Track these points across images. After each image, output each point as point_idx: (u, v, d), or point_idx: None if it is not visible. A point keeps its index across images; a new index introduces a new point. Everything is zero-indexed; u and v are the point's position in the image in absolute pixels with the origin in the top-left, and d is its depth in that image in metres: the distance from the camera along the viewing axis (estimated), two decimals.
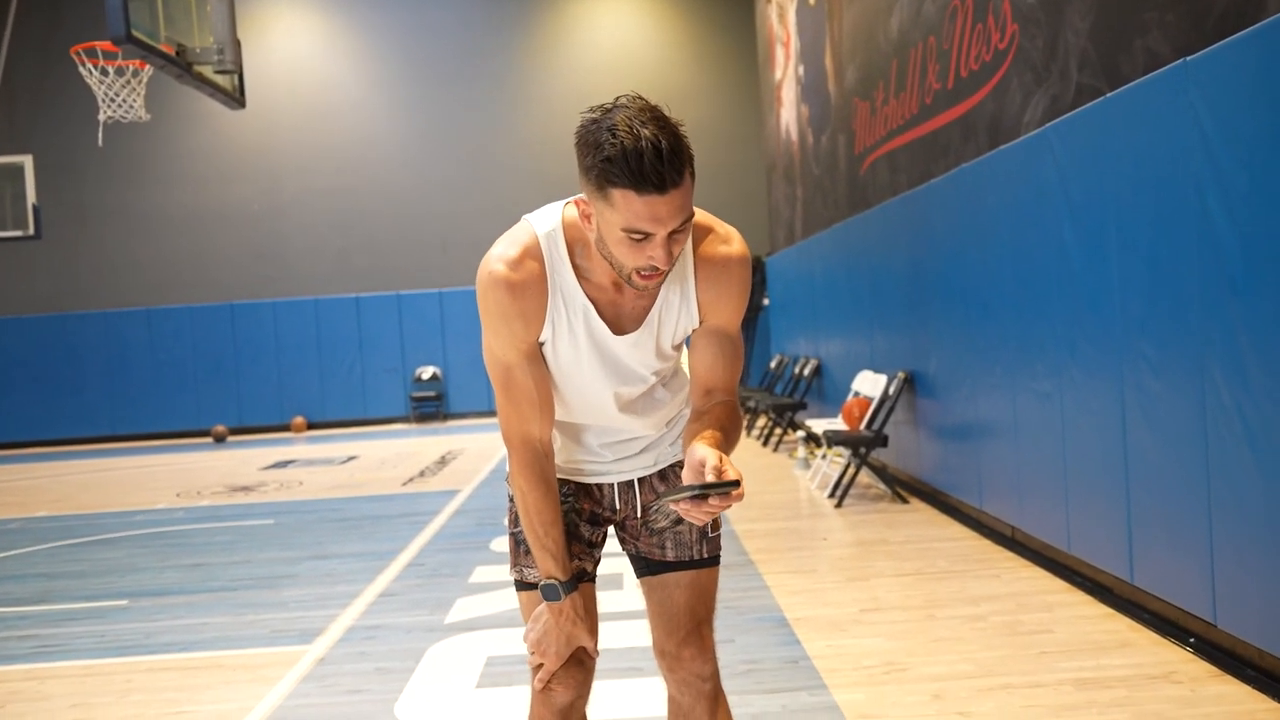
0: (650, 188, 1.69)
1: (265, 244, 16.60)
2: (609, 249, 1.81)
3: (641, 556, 2.25)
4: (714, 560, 2.25)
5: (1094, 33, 4.63)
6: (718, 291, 2.00)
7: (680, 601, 2.21)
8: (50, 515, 9.12)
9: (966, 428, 6.23)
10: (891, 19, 7.77)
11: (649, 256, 1.77)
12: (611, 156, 1.69)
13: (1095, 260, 4.44)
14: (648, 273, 1.80)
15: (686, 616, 2.21)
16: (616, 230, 1.76)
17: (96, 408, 16.16)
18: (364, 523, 7.77)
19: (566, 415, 2.19)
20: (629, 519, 2.26)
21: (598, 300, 1.97)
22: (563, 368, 2.05)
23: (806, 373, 10.61)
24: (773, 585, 5.14)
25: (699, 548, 2.23)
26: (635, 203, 1.70)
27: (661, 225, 1.73)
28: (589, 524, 2.24)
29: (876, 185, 8.44)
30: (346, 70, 16.69)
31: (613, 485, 2.24)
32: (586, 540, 2.22)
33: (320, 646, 4.59)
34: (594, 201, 1.78)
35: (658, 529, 2.22)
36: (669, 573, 2.22)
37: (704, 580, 2.23)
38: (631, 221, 1.72)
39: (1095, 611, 4.45)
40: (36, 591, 6.07)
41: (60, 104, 15.96)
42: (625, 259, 1.79)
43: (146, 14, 6.21)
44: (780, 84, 13.28)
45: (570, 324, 1.97)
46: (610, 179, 1.71)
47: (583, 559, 2.19)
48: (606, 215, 1.76)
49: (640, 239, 1.75)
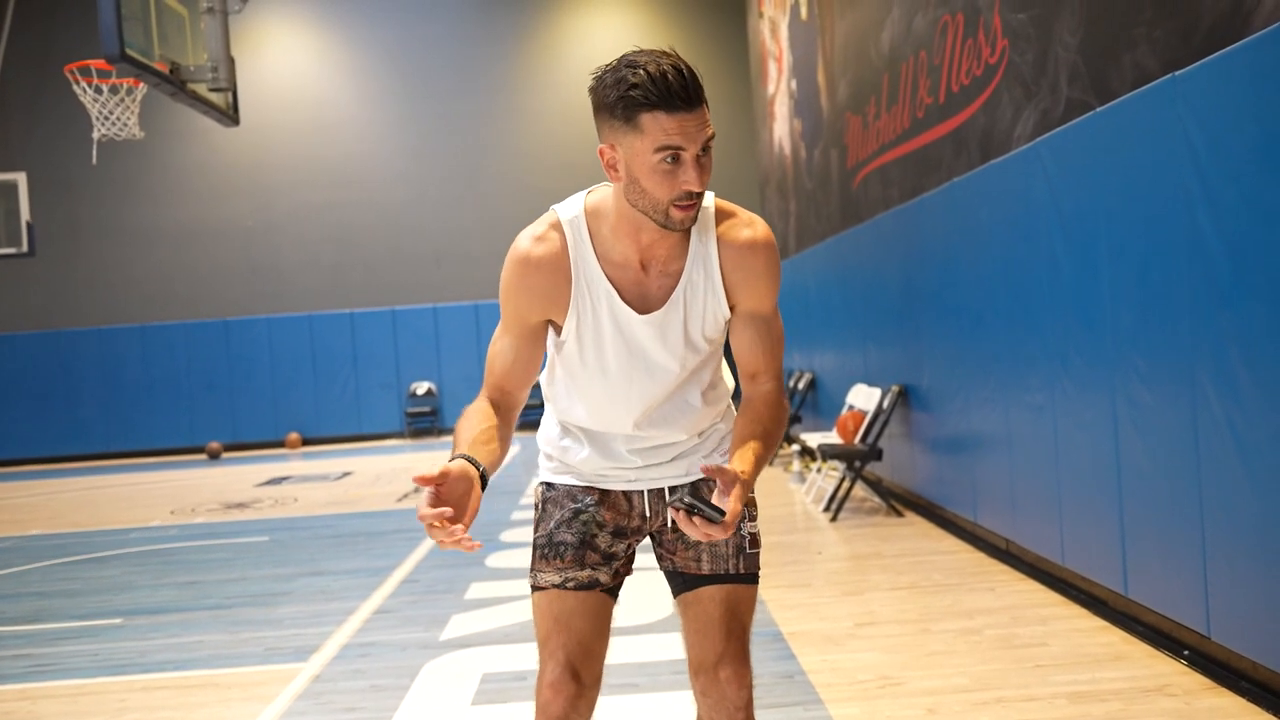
0: (679, 105, 1.78)
1: (259, 260, 16.61)
2: (642, 186, 1.85)
3: (678, 572, 2.21)
4: (751, 578, 2.19)
5: (1083, 47, 4.66)
6: (744, 274, 2.02)
7: (715, 615, 2.15)
8: (44, 533, 9.09)
9: (960, 441, 6.24)
10: (882, 34, 7.81)
11: (682, 182, 1.82)
12: (638, 83, 1.78)
13: (1086, 273, 4.47)
14: (684, 202, 1.84)
15: (721, 631, 2.14)
16: (649, 157, 1.81)
17: (91, 424, 16.13)
18: (359, 539, 7.76)
19: (593, 421, 2.15)
20: (663, 531, 2.22)
21: (620, 281, 1.99)
22: (587, 360, 2.06)
23: (801, 386, 10.63)
24: (768, 599, 5.14)
25: (735, 561, 2.17)
26: (666, 121, 1.78)
27: (692, 141, 1.80)
28: (611, 535, 2.19)
29: (869, 199, 8.48)
30: (340, 86, 16.73)
31: (642, 493, 2.20)
32: (603, 551, 2.17)
33: (315, 664, 4.58)
34: (621, 138, 1.83)
35: (693, 541, 2.17)
36: (704, 586, 2.17)
37: (740, 594, 2.18)
38: (663, 139, 1.79)
39: (1090, 624, 4.45)
40: (30, 610, 6.05)
41: (54, 121, 15.98)
42: (659, 190, 1.84)
43: (141, 32, 6.24)
44: (773, 98, 13.33)
45: (594, 308, 2.00)
46: (638, 105, 1.79)
47: (596, 568, 2.16)
48: (636, 146, 1.81)
49: (672, 164, 1.81)
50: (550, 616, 2.14)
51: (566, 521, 2.18)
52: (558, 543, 2.16)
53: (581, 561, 2.15)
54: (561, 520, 2.18)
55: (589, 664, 2.11)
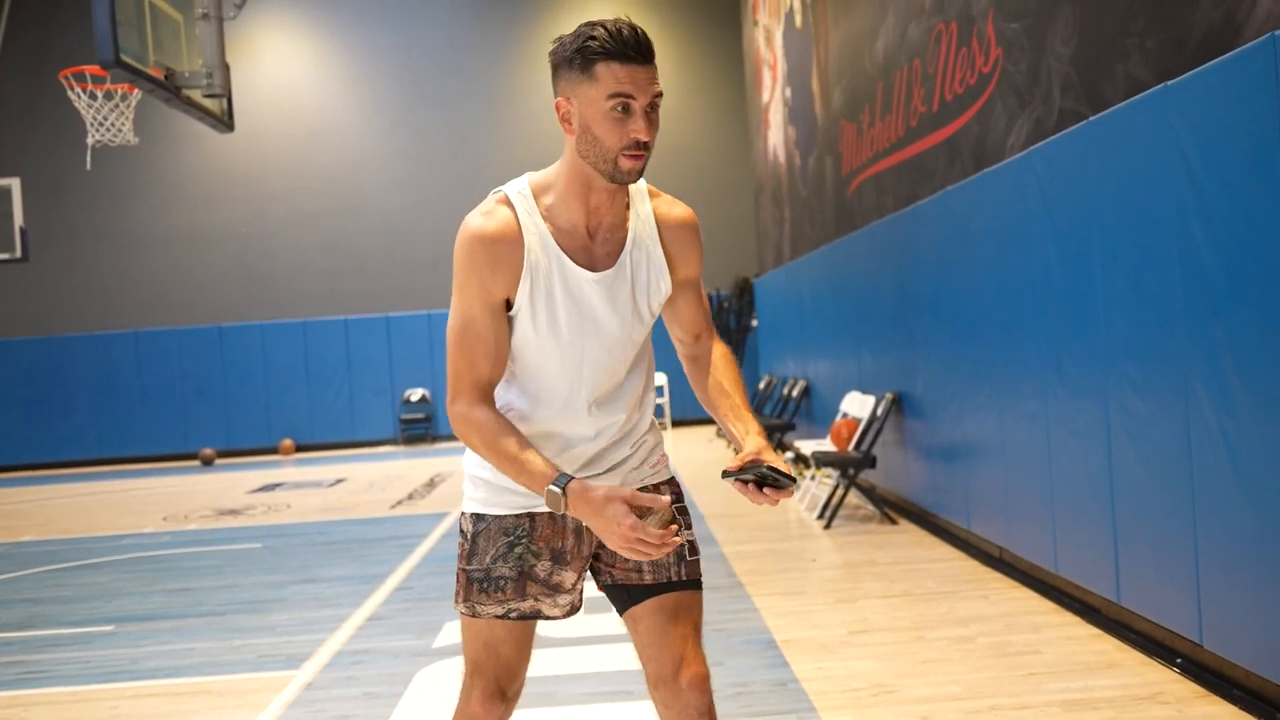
0: (632, 56, 1.92)
1: (254, 266, 16.60)
2: (594, 134, 1.96)
3: (619, 585, 2.21)
4: (695, 584, 2.21)
5: (1076, 58, 4.68)
6: (680, 246, 2.18)
7: (668, 624, 2.16)
8: (36, 539, 9.07)
9: (954, 448, 6.25)
10: (877, 43, 7.84)
11: (632, 130, 1.94)
12: (596, 36, 1.92)
13: (1079, 281, 4.48)
14: (632, 151, 1.96)
15: (677, 638, 2.15)
16: (601, 104, 1.93)
17: (84, 430, 16.09)
18: (352, 546, 7.75)
19: (549, 407, 2.15)
20: (601, 548, 2.21)
21: (569, 247, 2.08)
22: (540, 328, 2.07)
23: (795, 394, 10.63)
24: (762, 607, 5.14)
25: (677, 569, 2.18)
26: (619, 70, 1.92)
27: (642, 92, 1.93)
28: (550, 561, 2.18)
29: (863, 207, 8.49)
30: (335, 93, 16.74)
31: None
32: (544, 580, 2.18)
33: (308, 672, 4.57)
34: (577, 89, 1.96)
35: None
36: (650, 598, 2.18)
37: (689, 600, 2.19)
38: (615, 86, 1.92)
39: (1083, 632, 4.46)
40: (22, 617, 6.03)
41: (48, 127, 15.96)
42: (610, 137, 1.95)
43: (135, 38, 6.24)
44: (768, 106, 13.36)
45: (546, 271, 2.05)
46: (595, 55, 1.92)
47: (539, 599, 2.18)
48: (591, 94, 1.94)
49: (623, 113, 1.93)
50: (480, 641, 2.21)
51: (502, 555, 2.18)
52: (496, 577, 2.17)
53: (523, 593, 2.17)
54: (497, 555, 2.18)
55: (514, 681, 2.26)
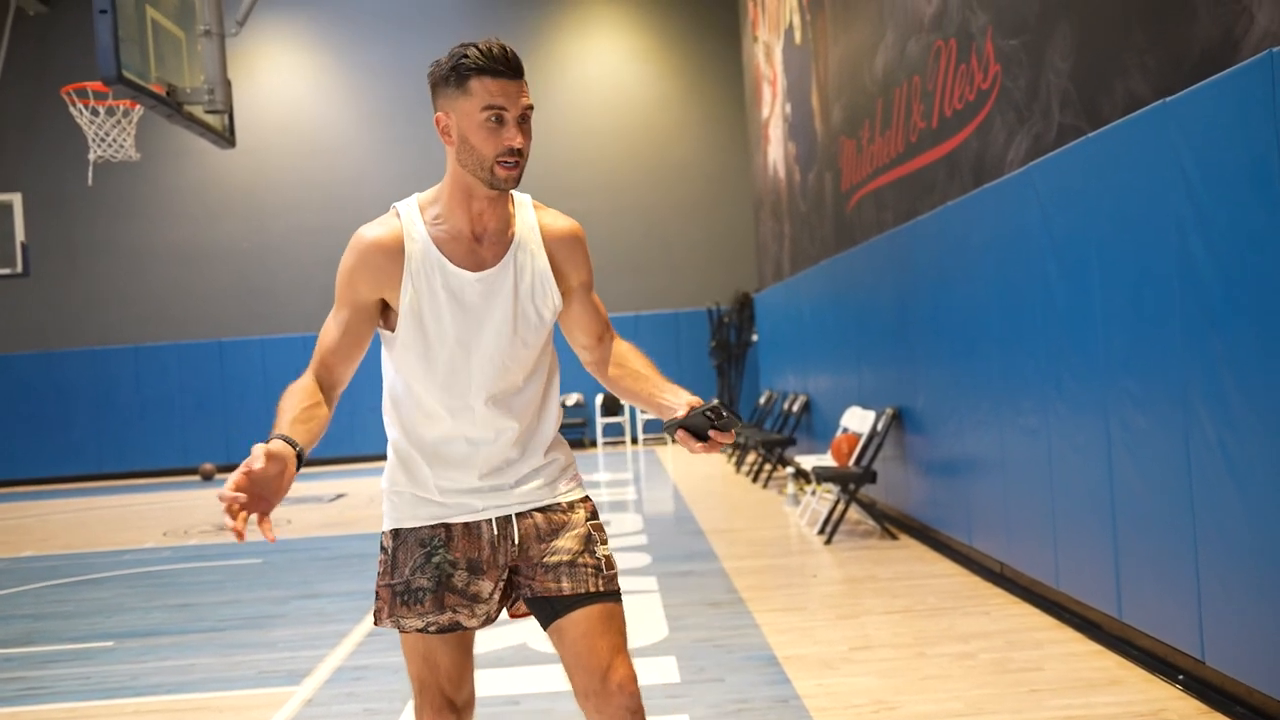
0: (502, 71, 2.07)
1: (254, 281, 16.61)
2: (470, 144, 2.09)
3: (539, 598, 2.26)
4: (614, 595, 2.27)
5: (1075, 74, 4.70)
6: (568, 254, 2.28)
7: (590, 635, 2.21)
8: (37, 555, 9.06)
9: (955, 463, 6.25)
10: (876, 59, 7.87)
11: (505, 139, 2.07)
12: (469, 54, 2.07)
13: (1079, 297, 4.49)
14: (507, 159, 2.09)
15: (605, 647, 2.21)
16: (476, 116, 2.07)
17: (84, 445, 16.07)
18: (353, 561, 7.74)
19: (439, 409, 2.22)
20: (519, 561, 2.27)
21: (453, 252, 2.18)
22: (427, 329, 2.18)
23: (795, 409, 10.64)
24: (762, 623, 5.13)
25: (595, 580, 2.24)
26: (491, 84, 2.06)
27: (513, 104, 2.08)
28: (467, 571, 2.24)
29: (863, 222, 8.51)
30: (335, 109, 16.79)
31: (490, 522, 2.26)
32: (462, 590, 2.23)
33: (308, 688, 4.56)
34: (454, 104, 2.10)
35: (552, 565, 2.24)
36: (572, 611, 2.23)
37: (611, 610, 2.25)
38: (488, 99, 2.06)
39: (1084, 648, 4.45)
40: (22, 633, 6.02)
41: (49, 142, 16.00)
42: (485, 146, 2.08)
43: (137, 54, 6.24)
44: (767, 122, 13.40)
45: (428, 277, 2.17)
46: (469, 71, 2.06)
47: (457, 610, 2.23)
48: (466, 107, 2.08)
49: (496, 124, 2.07)
50: (419, 656, 2.28)
51: (420, 567, 2.23)
52: (415, 589, 2.23)
53: (441, 604, 2.22)
54: (415, 566, 2.24)
55: (460, 691, 2.30)
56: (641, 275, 16.66)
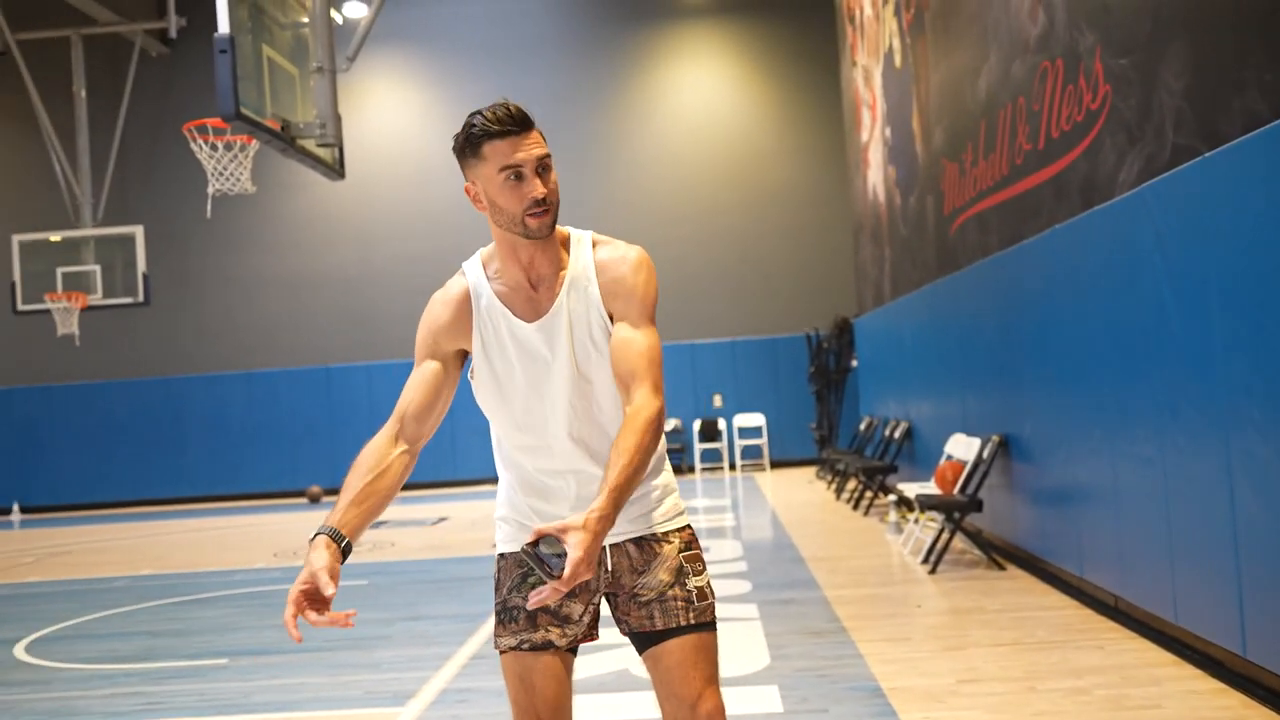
0: (510, 130, 2.14)
1: (360, 309, 17.03)
2: (499, 206, 2.16)
3: (635, 633, 2.33)
4: (706, 626, 2.31)
5: (1189, 93, 4.57)
6: (615, 282, 2.26)
7: (682, 665, 2.26)
8: (153, 574, 9.37)
9: (1065, 492, 6.09)
10: (979, 81, 7.76)
11: (528, 192, 2.14)
12: (477, 123, 2.15)
13: (1197, 323, 4.35)
14: (534, 210, 2.15)
15: (695, 678, 2.25)
16: (497, 179, 2.14)
17: (197, 468, 16.64)
18: (455, 584, 7.84)
19: (532, 453, 2.30)
20: (616, 594, 2.33)
21: (514, 302, 2.27)
22: (499, 376, 2.28)
23: (897, 435, 10.48)
24: (866, 653, 5.05)
25: (686, 614, 2.29)
26: (502, 145, 2.13)
27: (528, 157, 2.14)
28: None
29: (966, 246, 8.38)
30: (438, 140, 17.15)
31: None
32: (554, 612, 2.30)
33: (414, 709, 4.63)
34: (476, 172, 2.17)
35: (644, 601, 2.30)
36: (664, 642, 2.28)
37: (702, 641, 2.29)
38: (502, 160, 2.13)
39: (1206, 686, 4.28)
40: (140, 649, 6.23)
41: (168, 176, 16.68)
42: (511, 204, 2.15)
43: (254, 91, 6.49)
44: (867, 146, 13.30)
45: (495, 329, 2.27)
46: (479, 138, 2.14)
47: (549, 629, 2.30)
48: (486, 172, 2.15)
49: (516, 180, 2.13)
50: (516, 677, 2.32)
51: (516, 586, 2.33)
52: (511, 608, 2.32)
53: (534, 623, 2.29)
54: (512, 586, 2.33)
55: (558, 717, 2.32)
56: (739, 301, 16.63)
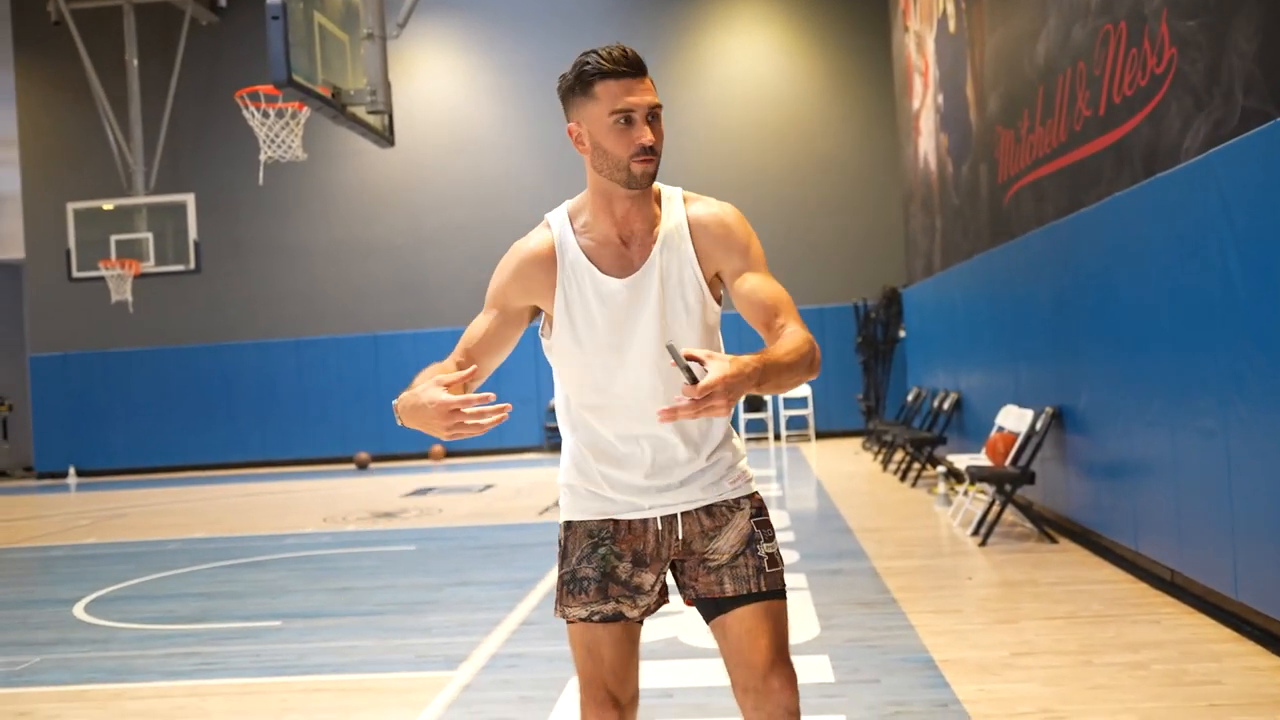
0: (625, 72, 2.10)
1: (407, 277, 17.12)
2: (604, 149, 2.12)
3: (703, 599, 2.29)
4: (777, 594, 2.28)
5: (1261, 55, 4.43)
6: (713, 241, 2.22)
7: (754, 630, 2.23)
8: (206, 537, 9.52)
9: (1120, 465, 5.99)
10: (1038, 45, 7.60)
11: (637, 137, 2.10)
12: (592, 61, 2.10)
13: (1265, 292, 4.24)
14: (641, 157, 2.11)
15: (766, 645, 2.22)
16: (606, 121, 2.10)
17: (248, 434, 16.88)
18: (502, 551, 7.89)
19: (600, 400, 2.25)
20: (684, 560, 2.30)
21: (601, 258, 2.21)
22: (580, 336, 2.21)
23: (946, 407, 10.38)
24: (917, 624, 5.02)
25: (756, 581, 2.26)
26: (615, 87, 2.09)
27: (640, 102, 2.10)
28: (631, 564, 2.29)
29: (1021, 215, 8.24)
30: (485, 108, 17.14)
31: (656, 519, 2.29)
32: (625, 582, 2.28)
33: (465, 673, 4.66)
34: (583, 111, 2.13)
35: (714, 566, 2.27)
36: (735, 609, 2.25)
37: (773, 609, 2.26)
38: (615, 103, 2.09)
39: (1268, 663, 4.20)
40: (196, 610, 6.33)
41: (218, 145, 16.81)
42: (619, 148, 2.11)
43: (305, 58, 6.50)
44: (918, 113, 13.10)
45: (579, 285, 2.20)
46: (592, 77, 2.10)
47: (620, 600, 2.27)
48: (595, 113, 2.11)
49: (625, 125, 2.10)
50: (583, 647, 2.30)
51: (586, 556, 2.29)
52: (581, 578, 2.28)
53: (605, 594, 2.27)
54: (582, 556, 2.30)
55: (624, 688, 2.30)
56: (787, 270, 16.48)
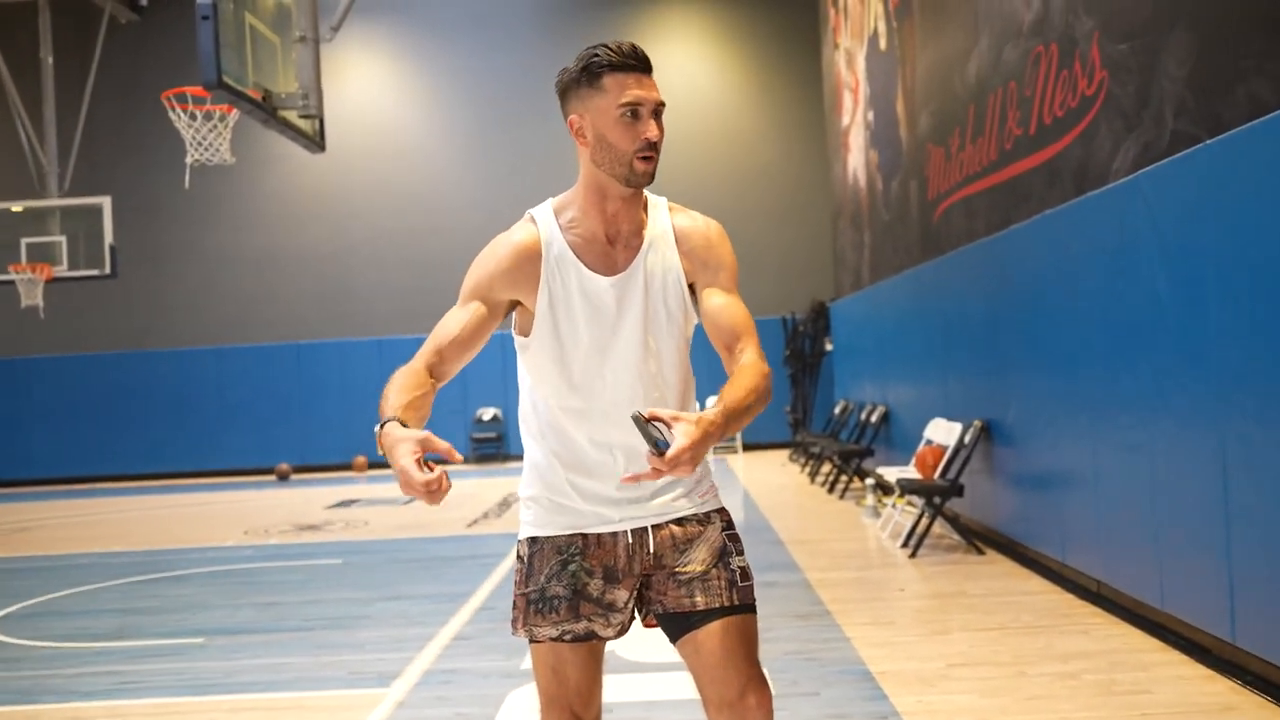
0: (634, 67, 2.09)
1: (333, 285, 16.84)
2: (608, 142, 2.09)
3: (672, 614, 2.21)
4: (749, 608, 2.22)
5: (1192, 79, 4.56)
6: (695, 252, 2.21)
7: (729, 647, 2.16)
8: (122, 550, 9.23)
9: (1048, 478, 6.10)
10: (969, 65, 7.73)
11: (642, 133, 2.08)
12: (601, 54, 2.09)
13: (1192, 311, 4.34)
14: (645, 153, 2.09)
15: (741, 661, 2.15)
16: (612, 114, 2.08)
17: (164, 444, 16.42)
18: (432, 564, 7.77)
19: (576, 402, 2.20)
20: (652, 575, 2.23)
21: (588, 255, 2.18)
22: (561, 333, 2.18)
23: (874, 419, 10.49)
24: (853, 636, 5.04)
25: (729, 594, 2.19)
26: (625, 79, 2.08)
27: (649, 95, 2.09)
28: (603, 580, 2.22)
29: (951, 231, 8.37)
30: (416, 115, 16.96)
31: (626, 533, 2.23)
32: (597, 599, 2.21)
33: (399, 690, 4.56)
34: (588, 103, 2.11)
35: (685, 580, 2.20)
36: (706, 624, 2.18)
37: (746, 625, 2.20)
38: (624, 96, 2.07)
39: (1194, 672, 4.30)
40: (112, 627, 6.12)
41: (138, 148, 16.39)
42: (623, 142, 2.09)
43: (235, 61, 6.35)
44: (848, 129, 13.27)
45: (564, 281, 2.17)
46: (601, 68, 2.08)
47: (592, 619, 2.21)
48: (601, 105, 2.09)
49: (632, 119, 2.08)
50: (548, 668, 2.24)
51: (556, 574, 2.22)
52: (551, 597, 2.21)
53: (577, 613, 2.20)
54: (551, 573, 2.22)
55: (588, 709, 2.26)
56: None
